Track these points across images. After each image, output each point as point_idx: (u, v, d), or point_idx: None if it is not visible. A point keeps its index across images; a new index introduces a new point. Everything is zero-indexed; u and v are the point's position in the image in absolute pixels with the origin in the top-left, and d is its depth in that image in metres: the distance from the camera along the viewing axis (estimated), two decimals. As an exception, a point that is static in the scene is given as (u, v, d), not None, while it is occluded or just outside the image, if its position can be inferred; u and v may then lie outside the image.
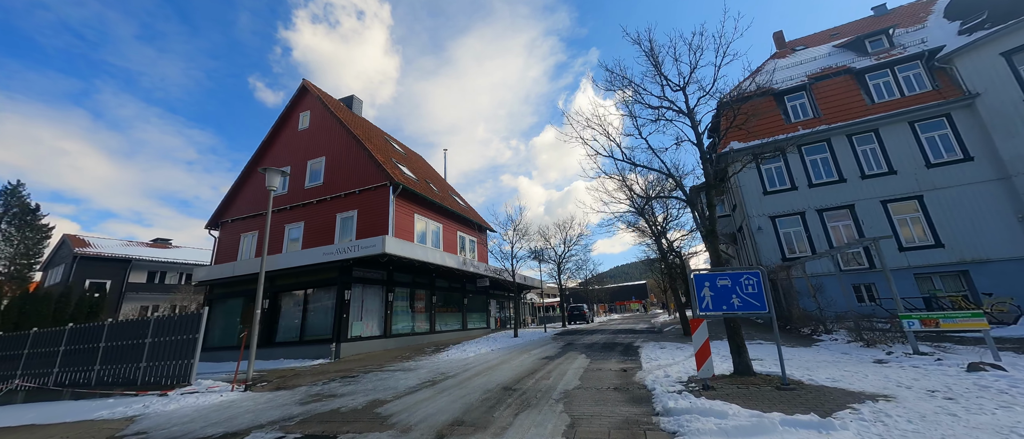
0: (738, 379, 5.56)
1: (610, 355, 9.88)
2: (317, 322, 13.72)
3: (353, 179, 17.52)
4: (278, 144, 20.54)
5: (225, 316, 15.52)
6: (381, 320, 14.91)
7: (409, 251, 13.92)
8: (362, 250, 12.75)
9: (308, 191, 18.47)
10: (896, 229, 15.09)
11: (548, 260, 26.62)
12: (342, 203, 17.46)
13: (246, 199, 20.17)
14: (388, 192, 16.41)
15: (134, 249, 34.36)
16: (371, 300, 14.70)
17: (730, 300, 5.32)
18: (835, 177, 16.62)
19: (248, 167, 20.53)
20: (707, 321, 5.28)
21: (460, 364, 9.54)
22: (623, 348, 11.32)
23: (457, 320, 20.27)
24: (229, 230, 20.17)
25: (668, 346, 10.68)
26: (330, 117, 19.32)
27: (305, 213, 18.22)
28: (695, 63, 7.28)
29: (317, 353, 12.77)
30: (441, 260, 16.03)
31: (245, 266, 14.96)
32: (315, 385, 7.77)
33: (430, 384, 6.97)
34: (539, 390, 5.94)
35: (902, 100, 16.12)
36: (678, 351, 9.53)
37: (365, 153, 17.46)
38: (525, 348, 12.80)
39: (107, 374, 9.56)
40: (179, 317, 9.12)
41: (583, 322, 31.29)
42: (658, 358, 8.38)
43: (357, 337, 13.59)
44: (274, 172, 8.76)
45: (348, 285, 13.54)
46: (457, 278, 20.07)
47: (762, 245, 17.15)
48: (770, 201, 17.52)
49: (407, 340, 15.80)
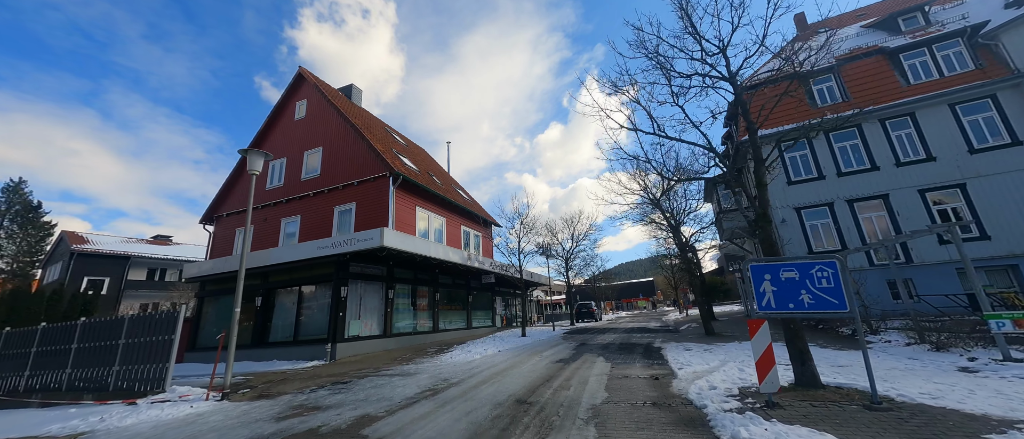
0: (806, 393, 4.55)
1: (631, 358, 8.89)
2: (312, 321, 12.83)
3: (351, 170, 16.60)
4: (274, 134, 19.67)
5: (218, 314, 14.70)
6: (381, 319, 14.00)
7: (410, 245, 12.98)
8: (359, 243, 11.83)
9: (305, 183, 17.59)
10: (935, 220, 13.93)
11: (556, 256, 25.63)
12: (340, 195, 16.56)
13: (241, 193, 19.33)
14: (388, 183, 15.47)
15: (133, 246, 33.78)
16: (370, 297, 13.79)
17: (798, 296, 4.30)
18: (867, 165, 15.45)
19: (243, 160, 19.67)
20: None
21: (465, 368, 8.58)
22: (643, 350, 10.32)
23: (461, 318, 19.35)
24: (224, 225, 19.37)
25: (694, 348, 9.66)
26: (327, 106, 18.41)
27: (301, 206, 17.35)
28: (737, 22, 6.22)
29: (312, 354, 11.89)
30: (444, 255, 15.10)
31: (238, 261, 14.08)
32: (301, 393, 6.85)
33: (431, 394, 6.01)
34: (560, 404, 4.96)
35: (941, 81, 14.90)
36: (707, 354, 8.52)
37: (364, 143, 16.53)
38: (535, 349, 11.84)
39: (79, 378, 8.72)
40: (153, 316, 8.23)
41: (591, 320, 30.28)
42: (689, 363, 7.38)
43: (355, 337, 12.69)
44: (256, 154, 7.83)
45: (345, 281, 12.63)
46: (461, 274, 19.13)
47: (786, 238, 16.02)
48: (795, 191, 16.38)
49: (409, 340, 14.89)
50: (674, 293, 40.66)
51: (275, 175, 18.62)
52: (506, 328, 22.89)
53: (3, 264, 37.29)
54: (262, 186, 18.74)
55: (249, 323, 13.70)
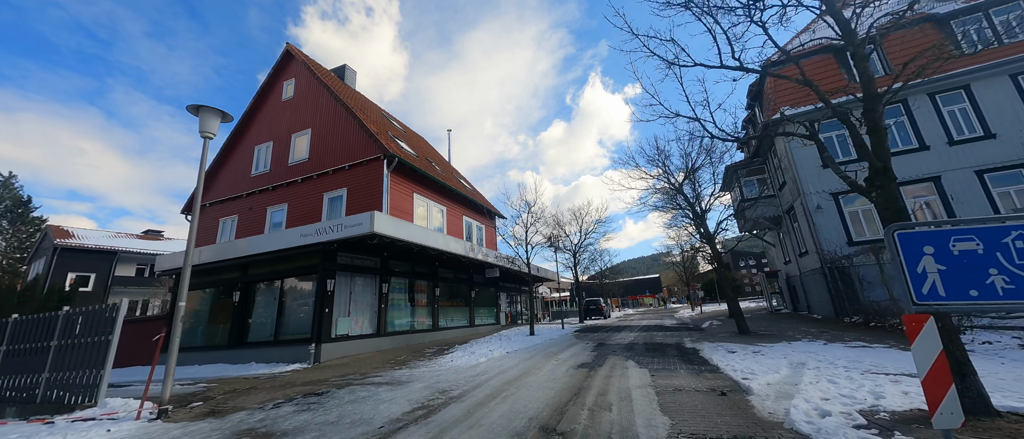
0: (979, 425, 3.04)
1: (668, 362, 7.39)
2: (296, 319, 11.38)
3: (342, 153, 15.12)
4: (260, 118, 18.19)
5: (192, 311, 13.25)
6: (374, 316, 12.54)
7: (405, 232, 11.50)
8: (346, 230, 10.34)
9: (292, 169, 16.11)
10: (997, 205, 12.37)
11: (563, 249, 24.13)
12: (330, 181, 15.08)
13: (225, 180, 17.89)
14: (382, 167, 13.99)
15: (121, 241, 32.42)
16: (362, 292, 12.33)
17: (984, 279, 2.79)
18: (914, 144, 13.89)
19: (226, 145, 18.22)
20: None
21: (468, 375, 7.11)
22: (677, 351, 8.82)
23: (463, 315, 17.89)
24: (207, 214, 17.93)
25: (738, 349, 8.15)
26: (317, 85, 16.90)
27: (289, 194, 15.89)
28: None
29: (294, 355, 10.44)
30: (445, 245, 13.61)
31: (213, 252, 12.64)
32: (261, 409, 5.40)
33: (424, 414, 4.54)
34: (606, 437, 3.47)
35: (1001, 49, 13.30)
36: (761, 357, 7.01)
37: (355, 122, 15.03)
38: (549, 350, 10.35)
39: (7, 388, 7.29)
40: (89, 313, 6.78)
41: (600, 317, 28.80)
42: (751, 370, 5.88)
43: (343, 336, 11.23)
44: (210, 114, 6.32)
45: (332, 274, 11.17)
46: (463, 268, 17.66)
47: (822, 227, 14.48)
48: (831, 175, 14.81)
49: (405, 339, 13.43)
50: (686, 289, 39.18)
51: (260, 160, 17.15)
52: (511, 326, 21.43)
53: (-2, 260, 36.50)
54: (247, 172, 17.28)
55: (226, 322, 12.26)
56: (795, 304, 19.65)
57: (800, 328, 11.77)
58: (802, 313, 17.68)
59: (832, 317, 13.89)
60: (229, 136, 18.15)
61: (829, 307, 14.17)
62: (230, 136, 18.15)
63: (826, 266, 14.04)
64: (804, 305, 17.67)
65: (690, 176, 13.37)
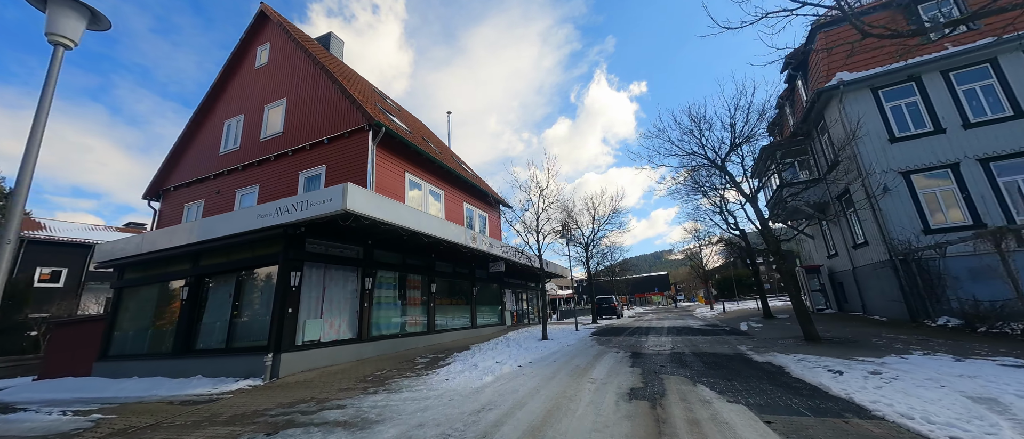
0: None
1: (759, 389, 5.10)
2: (254, 321, 9.14)
3: (321, 125, 12.86)
4: (230, 89, 15.93)
5: (140, 309, 11.06)
6: (354, 317, 10.30)
7: (389, 213, 9.21)
8: (313, 208, 8.07)
9: (264, 145, 13.86)
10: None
11: (575, 241, 21.83)
12: (307, 157, 12.83)
13: (191, 161, 15.66)
14: (366, 139, 11.73)
15: (97, 234, 30.24)
16: (338, 287, 10.08)
17: None
18: (1007, 112, 11.55)
19: (193, 121, 15.97)
20: None
21: (467, 409, 4.84)
22: (753, 369, 6.53)
23: (464, 315, 15.64)
24: (172, 200, 15.72)
25: (845, 368, 5.82)
26: (295, 49, 14.62)
27: (261, 173, 13.64)
28: None
29: (247, 368, 8.21)
30: (442, 232, 11.33)
31: (161, 238, 10.40)
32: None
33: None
34: None
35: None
36: (897, 382, 4.72)
37: (336, 88, 12.76)
38: (573, 363, 8.07)
39: None
40: None
41: (613, 317, 26.49)
42: (910, 406, 3.59)
43: (312, 343, 8.99)
44: (66, 6, 3.97)
45: (297, 264, 8.91)
46: (464, 260, 15.40)
47: (890, 212, 12.16)
48: (901, 151, 12.49)
49: (393, 344, 11.19)
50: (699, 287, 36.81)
51: (230, 137, 14.89)
52: (517, 327, 19.17)
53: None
54: (215, 151, 15.03)
55: (172, 324, 10.03)
56: (840, 303, 17.33)
57: (879, 333, 9.47)
58: (854, 313, 15.34)
59: (904, 319, 11.58)
60: (195, 111, 15.89)
61: (898, 307, 11.86)
62: (196, 111, 15.90)
63: (898, 258, 11.71)
64: (856, 304, 15.33)
65: (740, 147, 11.03)
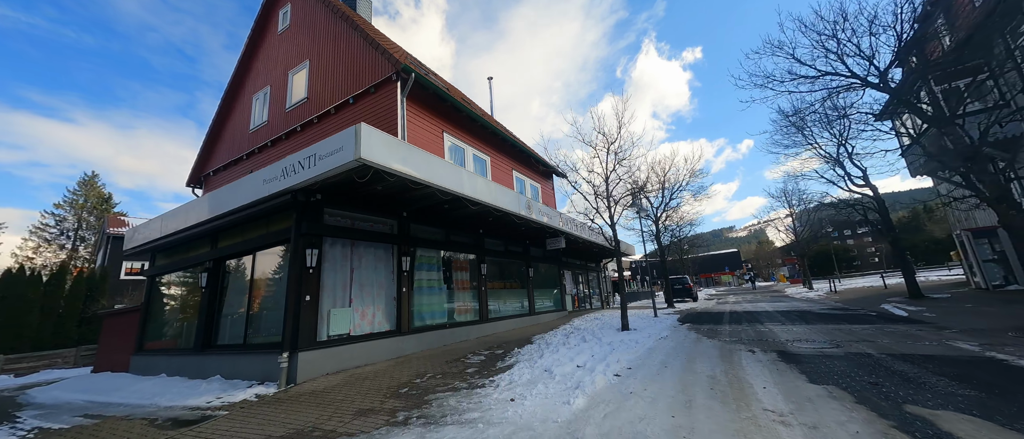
0: None
1: None
2: (270, 312, 7.54)
3: (345, 83, 11.04)
4: (256, 61, 14.73)
5: (166, 301, 10.11)
6: (391, 304, 8.43)
7: (420, 167, 7.01)
8: (321, 163, 6.10)
9: (290, 114, 12.40)
10: None
11: (645, 213, 18.69)
12: (332, 123, 11.10)
13: (226, 143, 14.79)
14: (395, 91, 9.69)
15: (171, 229, 32.17)
16: (370, 269, 8.22)
17: None
18: None
19: (224, 101, 15.04)
20: None
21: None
22: None
23: (519, 300, 13.44)
24: (214, 184, 15.00)
25: None
26: (314, 3, 12.90)
27: (289, 147, 12.22)
28: None
29: (263, 370, 6.60)
30: (490, 196, 9.03)
31: (176, 217, 9.17)
32: None
33: None
34: None
35: None
36: None
37: (359, 37, 10.82)
38: (698, 372, 5.46)
39: None
40: None
41: (688, 299, 23.07)
42: None
43: (339, 338, 7.20)
44: None
45: (316, 241, 7.09)
46: (517, 236, 13.13)
47: None
48: None
49: (439, 337, 9.23)
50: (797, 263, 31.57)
51: (258, 111, 13.69)
52: (579, 313, 16.67)
53: (87, 253, 39.43)
54: (246, 129, 13.94)
55: (195, 316, 8.81)
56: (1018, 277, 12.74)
57: None
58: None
59: None
60: (226, 90, 14.94)
61: None
62: (226, 91, 14.94)
63: None
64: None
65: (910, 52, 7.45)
